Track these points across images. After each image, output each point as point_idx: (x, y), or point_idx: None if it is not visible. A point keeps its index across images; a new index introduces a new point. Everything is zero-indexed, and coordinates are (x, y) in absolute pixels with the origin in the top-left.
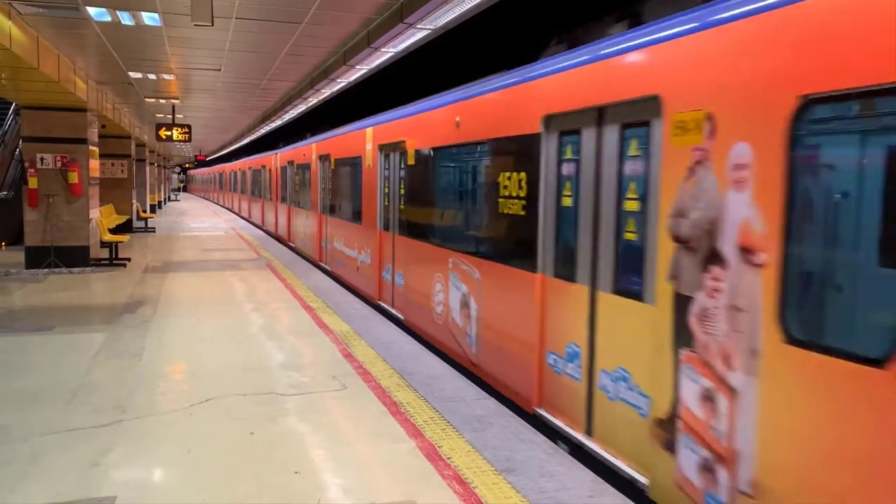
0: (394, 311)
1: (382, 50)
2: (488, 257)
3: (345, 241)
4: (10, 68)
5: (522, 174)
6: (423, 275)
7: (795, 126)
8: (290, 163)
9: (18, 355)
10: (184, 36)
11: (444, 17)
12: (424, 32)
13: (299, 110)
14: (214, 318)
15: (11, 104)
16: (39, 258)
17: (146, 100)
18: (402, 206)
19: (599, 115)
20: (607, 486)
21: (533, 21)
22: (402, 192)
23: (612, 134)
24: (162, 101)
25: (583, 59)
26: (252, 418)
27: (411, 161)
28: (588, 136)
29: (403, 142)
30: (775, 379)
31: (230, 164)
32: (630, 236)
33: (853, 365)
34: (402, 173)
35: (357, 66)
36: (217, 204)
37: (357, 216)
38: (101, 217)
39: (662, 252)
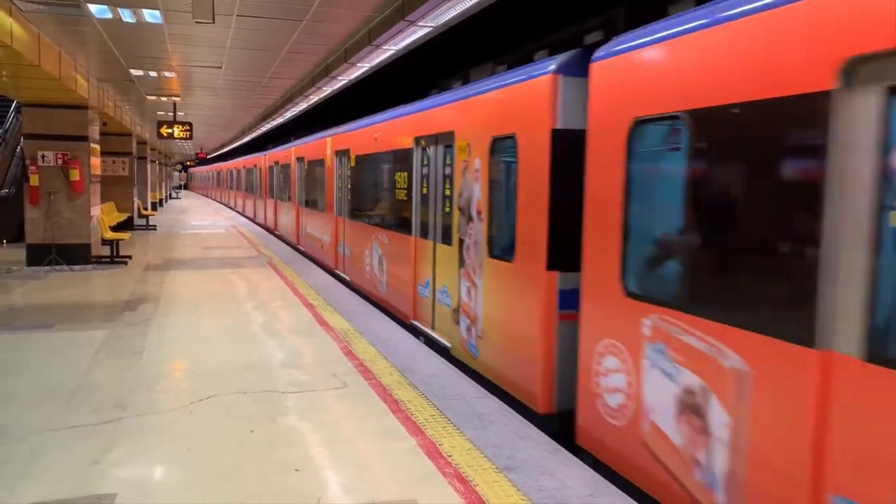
0: (343, 276)
1: (384, 48)
2: (391, 229)
3: (314, 227)
4: (11, 65)
5: (405, 173)
6: (360, 246)
7: (491, 149)
8: (276, 163)
9: (19, 353)
10: (185, 33)
11: (445, 15)
12: (426, 30)
13: (301, 108)
14: (215, 316)
15: (13, 102)
16: (40, 256)
17: (147, 97)
18: (348, 197)
19: (436, 139)
20: (607, 484)
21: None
22: (349, 186)
23: (440, 150)
24: (163, 98)
25: (430, 104)
26: (252, 416)
27: (353, 164)
28: (431, 150)
29: (349, 149)
30: (486, 276)
31: (226, 162)
32: (447, 209)
33: (505, 263)
34: (349, 172)
35: (358, 64)
36: (217, 202)
37: (322, 206)
38: (102, 215)
39: (455, 217)
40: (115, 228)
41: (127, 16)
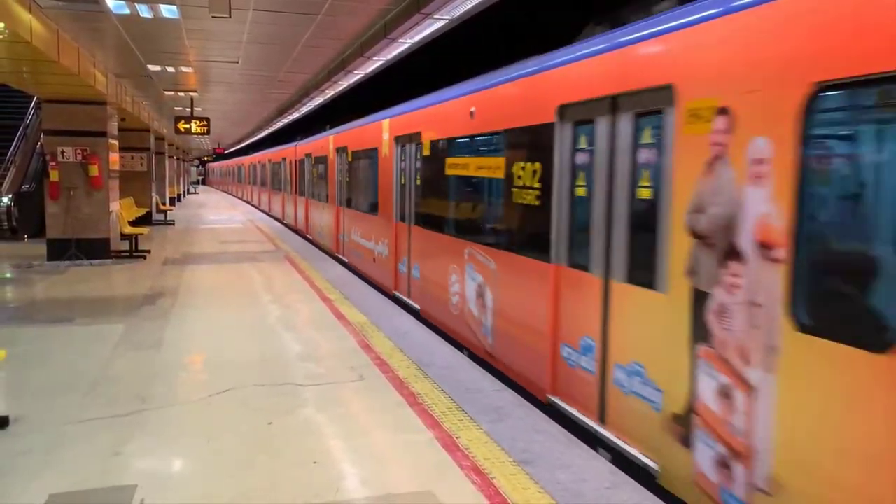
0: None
1: (399, 41)
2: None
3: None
4: (31, 61)
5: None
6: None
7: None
8: (268, 160)
9: (40, 346)
10: (202, 28)
11: (461, 7)
12: (442, 22)
13: (317, 102)
14: (233, 309)
15: (33, 98)
16: (61, 250)
17: (165, 93)
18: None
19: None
20: (625, 476)
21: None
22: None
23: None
24: (180, 93)
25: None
26: (270, 409)
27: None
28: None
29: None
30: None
31: (236, 159)
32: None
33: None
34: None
35: (374, 58)
36: (232, 195)
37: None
38: (121, 209)
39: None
40: (133, 223)
41: (144, 11)
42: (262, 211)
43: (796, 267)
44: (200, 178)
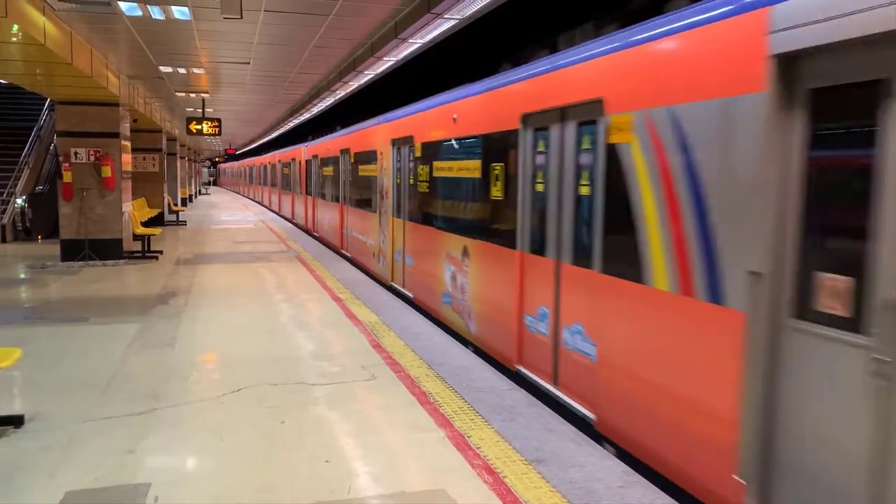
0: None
1: (410, 41)
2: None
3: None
4: (45, 63)
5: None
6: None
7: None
8: (278, 161)
9: (55, 345)
10: (213, 29)
11: (471, 7)
12: (452, 22)
13: (328, 103)
14: (245, 308)
15: (46, 100)
16: (74, 250)
17: (176, 94)
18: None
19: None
20: (638, 476)
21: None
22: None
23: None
24: (192, 94)
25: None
26: (283, 407)
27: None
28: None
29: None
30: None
31: (248, 160)
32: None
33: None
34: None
35: (385, 58)
36: (243, 196)
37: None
38: (133, 210)
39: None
40: (146, 224)
41: (156, 13)
42: (266, 207)
43: None
44: (212, 178)
